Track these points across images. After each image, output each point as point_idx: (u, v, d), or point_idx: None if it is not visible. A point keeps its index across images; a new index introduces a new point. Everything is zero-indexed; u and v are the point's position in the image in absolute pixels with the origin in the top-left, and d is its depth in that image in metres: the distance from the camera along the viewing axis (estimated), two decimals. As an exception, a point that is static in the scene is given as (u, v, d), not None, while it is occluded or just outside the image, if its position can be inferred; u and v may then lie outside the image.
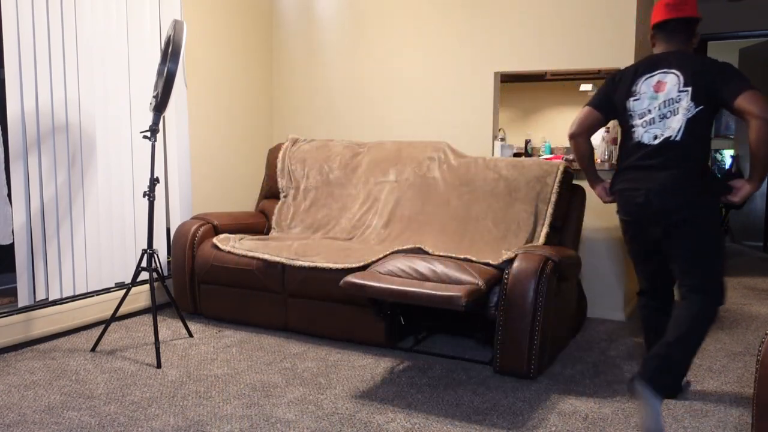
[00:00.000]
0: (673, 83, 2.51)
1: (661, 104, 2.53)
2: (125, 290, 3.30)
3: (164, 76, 3.10)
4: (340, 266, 3.30)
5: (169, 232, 4.11)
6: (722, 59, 2.54)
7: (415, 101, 4.46)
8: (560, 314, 3.15)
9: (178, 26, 3.13)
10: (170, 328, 3.67)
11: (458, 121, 4.32)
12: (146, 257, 3.20)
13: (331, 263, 3.33)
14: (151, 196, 3.20)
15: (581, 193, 3.51)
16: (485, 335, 3.26)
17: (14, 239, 3.20)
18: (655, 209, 2.50)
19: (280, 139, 4.95)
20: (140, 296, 3.87)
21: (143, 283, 3.80)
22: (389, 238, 3.74)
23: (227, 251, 3.66)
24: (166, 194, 4.07)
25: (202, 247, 3.78)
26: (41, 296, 3.36)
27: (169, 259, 4.09)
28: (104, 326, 3.29)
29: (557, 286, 3.00)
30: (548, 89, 6.48)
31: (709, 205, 2.51)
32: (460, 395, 2.73)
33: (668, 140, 2.50)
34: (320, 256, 3.43)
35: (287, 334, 3.57)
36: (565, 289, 3.18)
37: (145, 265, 3.21)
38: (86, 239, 3.55)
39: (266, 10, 4.88)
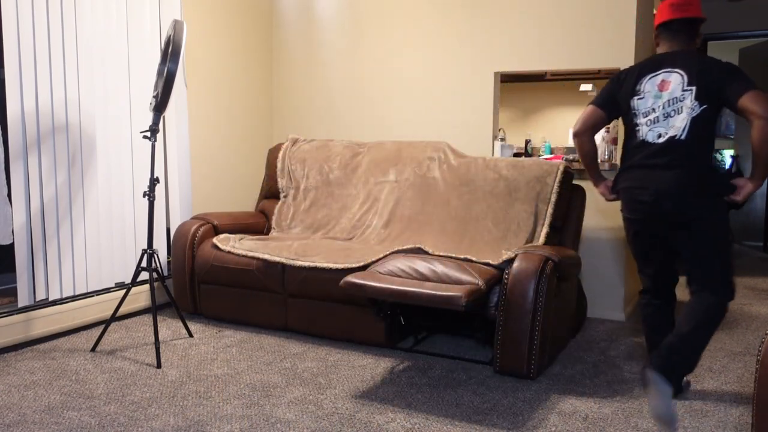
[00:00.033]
0: (677, 82, 2.52)
1: (665, 103, 2.54)
2: (125, 290, 3.30)
3: (164, 76, 3.10)
4: (340, 266, 3.30)
5: (169, 232, 4.11)
6: (722, 59, 2.55)
7: (415, 101, 4.46)
8: (560, 314, 3.15)
9: (178, 26, 3.13)
10: (170, 328, 3.67)
11: (458, 121, 4.32)
12: (146, 257, 3.20)
13: (331, 263, 3.33)
14: (151, 196, 3.20)
15: (581, 193, 3.51)
16: (485, 335, 3.25)
17: (14, 239, 3.20)
18: (663, 209, 2.52)
19: (280, 139, 4.95)
20: (140, 296, 3.87)
21: (143, 283, 3.80)
22: (389, 238, 3.74)
23: (227, 251, 3.67)
24: (166, 194, 4.07)
25: (202, 247, 3.78)
26: (41, 296, 3.36)
27: (169, 259, 4.09)
28: (104, 326, 3.29)
29: (557, 286, 3.00)
30: (548, 89, 6.48)
31: (716, 203, 2.53)
32: (460, 395, 2.73)
33: (673, 139, 2.51)
34: (320, 256, 3.43)
35: (287, 334, 3.57)
36: (565, 289, 3.18)
37: (145, 265, 3.21)
38: (86, 239, 3.55)
39: (266, 10, 4.88)
